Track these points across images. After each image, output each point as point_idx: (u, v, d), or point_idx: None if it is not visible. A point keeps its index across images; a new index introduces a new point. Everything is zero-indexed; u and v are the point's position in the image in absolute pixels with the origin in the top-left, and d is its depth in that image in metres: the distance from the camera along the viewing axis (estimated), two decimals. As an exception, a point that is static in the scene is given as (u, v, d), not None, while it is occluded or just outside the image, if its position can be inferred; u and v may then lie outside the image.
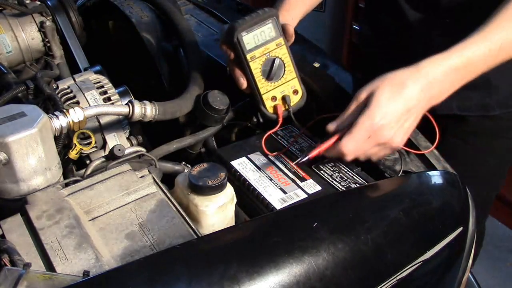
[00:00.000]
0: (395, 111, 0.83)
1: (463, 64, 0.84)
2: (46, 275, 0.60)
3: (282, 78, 0.93)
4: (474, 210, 0.85)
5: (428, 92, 0.84)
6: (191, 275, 0.61)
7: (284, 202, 0.82)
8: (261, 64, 0.92)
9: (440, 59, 0.84)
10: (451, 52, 0.85)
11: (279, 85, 0.94)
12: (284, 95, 0.94)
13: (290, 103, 0.94)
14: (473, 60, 0.85)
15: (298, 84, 0.95)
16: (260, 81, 0.93)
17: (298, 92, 0.95)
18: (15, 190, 0.77)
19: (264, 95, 0.93)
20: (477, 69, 0.86)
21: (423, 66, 0.84)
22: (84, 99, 0.94)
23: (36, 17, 1.17)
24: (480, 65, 0.86)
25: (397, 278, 0.72)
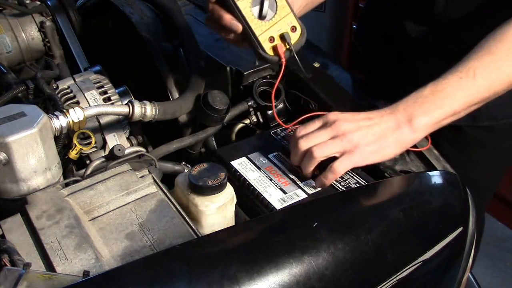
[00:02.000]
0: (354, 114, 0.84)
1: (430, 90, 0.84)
2: (46, 275, 0.60)
3: (276, 15, 0.86)
4: (474, 210, 0.85)
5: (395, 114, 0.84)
6: (191, 275, 0.61)
7: (284, 202, 0.82)
8: (250, 3, 0.84)
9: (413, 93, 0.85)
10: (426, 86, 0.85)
11: (274, 24, 0.86)
12: (282, 33, 0.86)
13: (290, 40, 0.87)
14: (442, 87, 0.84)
15: (295, 19, 0.87)
16: (253, 21, 0.84)
17: (296, 28, 0.88)
18: (15, 190, 0.77)
19: (260, 36, 0.85)
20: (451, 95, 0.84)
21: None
22: (84, 99, 0.94)
23: (36, 17, 1.17)
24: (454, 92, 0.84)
25: (397, 278, 0.72)
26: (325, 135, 0.84)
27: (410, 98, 0.85)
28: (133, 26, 1.16)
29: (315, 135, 0.84)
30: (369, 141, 0.82)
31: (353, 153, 0.82)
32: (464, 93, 0.85)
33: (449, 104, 0.84)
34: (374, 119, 0.84)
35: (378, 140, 0.83)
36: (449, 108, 0.84)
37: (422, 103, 0.84)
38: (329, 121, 0.85)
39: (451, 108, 0.84)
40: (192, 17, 1.30)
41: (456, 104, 0.84)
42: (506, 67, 0.85)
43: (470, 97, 0.85)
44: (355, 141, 0.82)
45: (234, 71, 1.08)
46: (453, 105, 0.84)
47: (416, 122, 0.83)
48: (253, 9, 0.84)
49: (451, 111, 0.84)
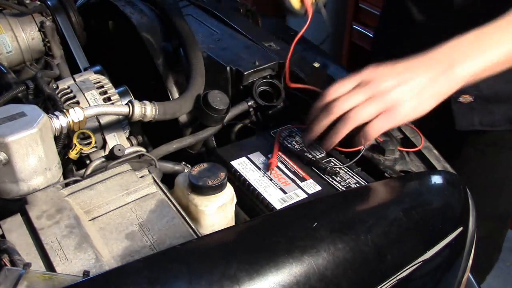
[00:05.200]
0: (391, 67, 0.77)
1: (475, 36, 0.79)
2: (46, 275, 0.60)
3: None
4: (474, 210, 0.85)
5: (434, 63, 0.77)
6: (191, 275, 0.61)
7: (284, 202, 0.82)
8: None
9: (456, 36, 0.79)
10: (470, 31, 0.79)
11: None
12: None
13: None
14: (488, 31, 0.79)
15: None
16: None
17: None
18: (15, 190, 0.77)
19: None
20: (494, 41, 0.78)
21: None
22: (84, 99, 0.94)
23: (36, 17, 1.16)
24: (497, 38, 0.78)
25: (397, 278, 0.72)
26: (361, 95, 0.76)
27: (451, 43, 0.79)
28: (133, 26, 1.16)
29: (351, 96, 0.76)
30: (407, 98, 0.76)
31: (391, 113, 0.76)
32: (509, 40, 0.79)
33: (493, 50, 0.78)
34: (413, 71, 0.77)
35: (417, 95, 0.76)
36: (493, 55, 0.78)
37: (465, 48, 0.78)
38: (365, 79, 0.78)
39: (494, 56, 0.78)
40: (192, 17, 1.30)
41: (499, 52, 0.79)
42: None
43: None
44: (394, 99, 0.76)
45: (234, 71, 1.08)
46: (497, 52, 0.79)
47: (457, 69, 0.77)
48: None
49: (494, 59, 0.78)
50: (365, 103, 0.76)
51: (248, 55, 1.12)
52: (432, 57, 0.78)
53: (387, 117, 0.76)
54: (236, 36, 1.21)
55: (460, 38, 0.79)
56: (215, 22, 1.28)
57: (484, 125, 1.13)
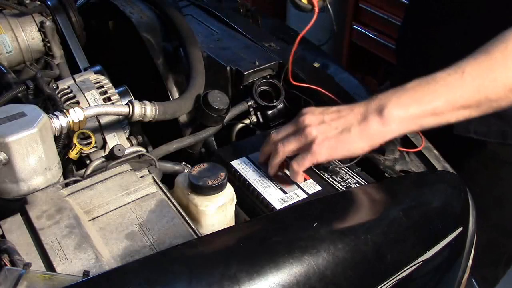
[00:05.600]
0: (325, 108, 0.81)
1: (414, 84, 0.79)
2: (46, 275, 0.60)
3: None
4: (474, 210, 0.85)
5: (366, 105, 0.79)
6: (191, 275, 0.61)
7: (284, 202, 0.82)
8: None
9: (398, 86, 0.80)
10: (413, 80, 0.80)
11: None
12: None
13: None
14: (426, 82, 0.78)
15: None
16: None
17: None
18: (15, 190, 0.77)
19: None
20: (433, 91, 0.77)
21: None
22: (84, 99, 0.94)
23: (36, 17, 1.16)
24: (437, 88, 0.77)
25: (397, 278, 0.72)
26: (290, 129, 0.82)
27: (391, 90, 0.79)
28: (133, 26, 1.16)
29: (284, 129, 0.83)
30: (328, 136, 0.78)
31: (308, 151, 0.79)
32: (448, 90, 0.77)
33: (428, 99, 0.77)
34: (343, 111, 0.79)
35: (339, 135, 0.78)
36: (428, 104, 0.77)
37: (400, 95, 0.78)
38: (300, 114, 0.83)
39: (431, 105, 0.77)
40: (192, 17, 1.30)
41: (437, 101, 0.77)
42: (500, 68, 0.77)
43: (455, 96, 0.77)
44: (313, 135, 0.78)
45: (234, 71, 1.08)
46: (434, 101, 0.77)
47: (387, 113, 0.76)
48: None
49: (431, 108, 0.77)
50: (289, 136, 0.81)
51: (248, 55, 1.12)
52: (366, 102, 0.80)
53: (305, 154, 0.79)
54: (236, 36, 1.21)
55: (401, 86, 0.79)
56: (215, 22, 1.28)
57: (479, 135, 1.14)
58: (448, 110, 0.78)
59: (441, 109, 0.77)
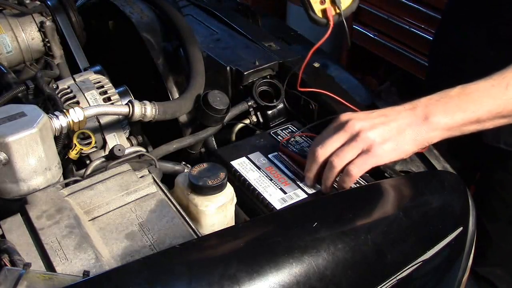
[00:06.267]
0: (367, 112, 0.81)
1: (457, 92, 0.80)
2: (46, 275, 0.60)
3: None
4: (474, 210, 0.85)
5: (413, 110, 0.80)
6: (191, 275, 0.61)
7: (284, 202, 0.82)
8: None
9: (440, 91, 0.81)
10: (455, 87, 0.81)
11: None
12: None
13: (340, 4, 0.86)
14: (470, 91, 0.80)
15: None
16: None
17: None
18: (15, 190, 0.77)
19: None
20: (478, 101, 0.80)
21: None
22: (84, 99, 0.94)
23: (36, 17, 1.16)
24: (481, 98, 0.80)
25: (397, 278, 0.71)
26: (340, 139, 0.80)
27: (435, 96, 0.81)
28: (133, 26, 1.16)
29: (330, 141, 0.80)
30: (385, 138, 0.78)
31: (369, 153, 0.78)
32: (492, 101, 0.80)
33: (473, 109, 0.80)
34: (390, 115, 0.80)
35: (396, 137, 0.79)
36: (473, 113, 0.80)
37: (446, 103, 0.80)
38: (342, 123, 0.81)
39: (475, 114, 0.80)
40: (192, 17, 1.30)
41: (481, 111, 0.80)
42: None
43: (498, 107, 0.80)
44: (372, 139, 0.78)
45: (234, 71, 1.08)
46: (478, 111, 0.80)
47: (434, 120, 0.79)
48: None
49: (475, 116, 0.80)
50: (343, 146, 0.79)
51: (248, 55, 1.12)
52: (413, 106, 0.81)
53: (367, 157, 0.78)
54: (236, 36, 1.21)
55: (444, 92, 0.81)
56: (215, 22, 1.28)
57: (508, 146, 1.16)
58: (490, 119, 0.81)
59: (484, 118, 0.81)
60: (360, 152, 0.79)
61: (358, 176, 0.79)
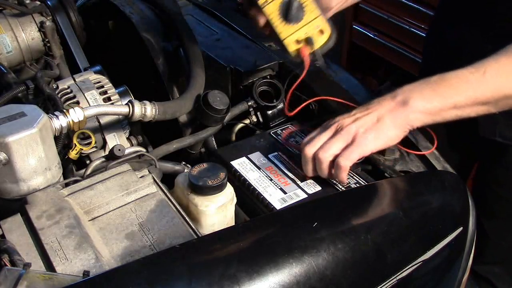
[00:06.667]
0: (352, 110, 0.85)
1: (436, 79, 0.83)
2: (46, 275, 0.60)
3: (303, 19, 0.87)
4: (474, 210, 0.85)
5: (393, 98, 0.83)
6: (191, 275, 0.61)
7: (284, 202, 0.82)
8: (277, 7, 0.86)
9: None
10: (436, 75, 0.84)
11: (301, 27, 0.87)
12: (308, 37, 0.88)
13: (314, 44, 0.88)
14: (449, 77, 0.83)
15: (324, 23, 0.88)
16: (280, 25, 0.87)
17: (324, 32, 0.89)
18: (15, 190, 0.77)
19: (286, 39, 0.88)
20: (455, 86, 0.83)
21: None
22: (84, 99, 0.94)
23: (36, 17, 1.16)
24: (459, 84, 0.83)
25: (397, 278, 0.72)
26: (326, 135, 0.84)
27: (416, 83, 0.84)
28: (133, 26, 1.16)
29: (318, 138, 0.85)
30: (367, 128, 0.82)
31: (354, 144, 0.82)
32: (469, 87, 0.82)
33: (450, 94, 0.82)
34: (372, 107, 0.84)
35: (376, 125, 0.82)
36: (450, 98, 0.82)
37: (424, 88, 0.83)
38: (330, 123, 0.86)
39: (453, 99, 0.82)
40: (192, 17, 1.30)
41: (458, 96, 0.82)
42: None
43: (476, 93, 0.83)
44: (354, 130, 0.82)
45: (234, 71, 1.08)
46: (455, 96, 0.82)
47: (412, 104, 0.82)
48: (281, 12, 0.86)
49: (452, 102, 0.83)
50: (328, 140, 0.84)
51: (248, 55, 1.12)
52: (393, 95, 0.84)
53: (352, 148, 0.82)
54: (236, 36, 1.21)
55: (423, 80, 0.84)
56: (215, 22, 1.28)
57: (505, 139, 1.17)
58: (468, 105, 0.83)
59: (462, 104, 0.83)
60: (346, 146, 0.83)
61: (348, 167, 0.82)
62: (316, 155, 0.83)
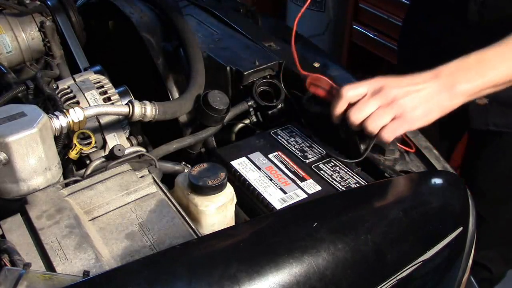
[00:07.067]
0: (399, 79, 0.84)
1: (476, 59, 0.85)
2: (46, 275, 0.60)
3: None
4: (474, 210, 0.85)
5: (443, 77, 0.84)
6: (191, 275, 0.61)
7: (284, 202, 0.82)
8: None
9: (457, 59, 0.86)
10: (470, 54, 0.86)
11: None
12: None
13: None
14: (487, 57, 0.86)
15: None
16: None
17: None
18: (15, 190, 0.77)
19: None
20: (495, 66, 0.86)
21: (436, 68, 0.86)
22: (84, 99, 0.94)
23: (36, 17, 1.17)
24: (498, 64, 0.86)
25: (397, 278, 0.72)
26: (374, 104, 0.83)
27: (454, 64, 0.86)
28: (133, 26, 1.16)
29: (365, 105, 0.83)
30: (416, 105, 0.83)
31: (403, 118, 0.82)
32: (508, 64, 0.86)
33: (492, 74, 0.85)
34: (419, 83, 0.84)
35: (425, 104, 0.83)
36: (492, 78, 0.85)
37: (466, 71, 0.85)
38: (376, 88, 0.84)
39: (494, 78, 0.86)
40: (192, 17, 1.30)
41: (499, 75, 0.86)
42: None
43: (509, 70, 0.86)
44: (404, 106, 0.82)
45: (234, 71, 1.07)
46: (496, 76, 0.85)
47: (458, 89, 0.84)
48: None
49: (493, 81, 0.86)
50: (379, 111, 0.82)
51: (248, 55, 1.12)
52: (436, 75, 0.85)
53: (400, 122, 0.82)
54: (236, 36, 1.21)
55: (462, 60, 0.86)
56: (215, 22, 1.27)
57: (499, 127, 1.18)
58: (505, 82, 0.87)
59: (500, 82, 0.87)
60: (393, 118, 0.83)
61: (390, 141, 0.84)
62: (364, 124, 0.83)
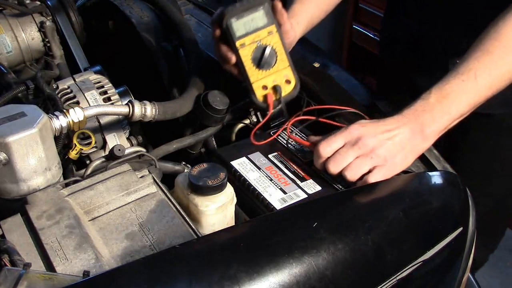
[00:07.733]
0: (373, 126, 0.85)
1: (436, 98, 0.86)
2: (46, 275, 0.60)
3: (274, 66, 0.92)
4: (474, 210, 0.85)
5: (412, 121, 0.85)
6: (191, 275, 0.61)
7: (284, 202, 0.82)
8: (251, 52, 0.90)
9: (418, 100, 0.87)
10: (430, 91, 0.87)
11: (270, 74, 0.92)
12: (275, 85, 0.93)
13: (282, 92, 0.93)
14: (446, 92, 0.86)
15: (291, 73, 0.93)
16: (251, 69, 0.91)
17: (291, 81, 0.94)
18: (15, 190, 0.77)
19: (255, 83, 0.92)
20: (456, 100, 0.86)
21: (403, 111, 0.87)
22: (84, 99, 0.94)
23: (36, 17, 1.17)
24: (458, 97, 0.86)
25: (397, 278, 0.72)
26: (352, 155, 0.83)
27: (418, 106, 0.87)
28: (133, 26, 1.16)
29: (343, 156, 0.84)
30: (394, 153, 0.84)
31: (384, 167, 0.83)
32: (468, 96, 0.87)
33: (455, 109, 0.87)
34: (393, 130, 0.85)
35: (401, 150, 0.84)
36: (456, 112, 0.87)
37: (431, 111, 0.86)
38: (353, 138, 0.84)
39: (458, 112, 0.87)
40: (192, 17, 1.30)
41: (461, 108, 0.87)
42: (504, 64, 0.88)
43: (474, 99, 0.88)
44: (383, 155, 0.83)
45: (234, 71, 1.07)
46: (459, 109, 0.87)
47: (427, 131, 0.85)
48: (253, 58, 0.91)
49: (458, 114, 0.87)
50: (357, 161, 0.83)
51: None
52: (406, 117, 0.86)
53: (381, 171, 0.83)
54: (236, 36, 1.21)
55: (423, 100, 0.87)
56: (215, 22, 1.27)
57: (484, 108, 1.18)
58: (470, 110, 0.89)
59: (466, 112, 0.89)
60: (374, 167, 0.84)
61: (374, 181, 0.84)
62: (344, 173, 0.83)
